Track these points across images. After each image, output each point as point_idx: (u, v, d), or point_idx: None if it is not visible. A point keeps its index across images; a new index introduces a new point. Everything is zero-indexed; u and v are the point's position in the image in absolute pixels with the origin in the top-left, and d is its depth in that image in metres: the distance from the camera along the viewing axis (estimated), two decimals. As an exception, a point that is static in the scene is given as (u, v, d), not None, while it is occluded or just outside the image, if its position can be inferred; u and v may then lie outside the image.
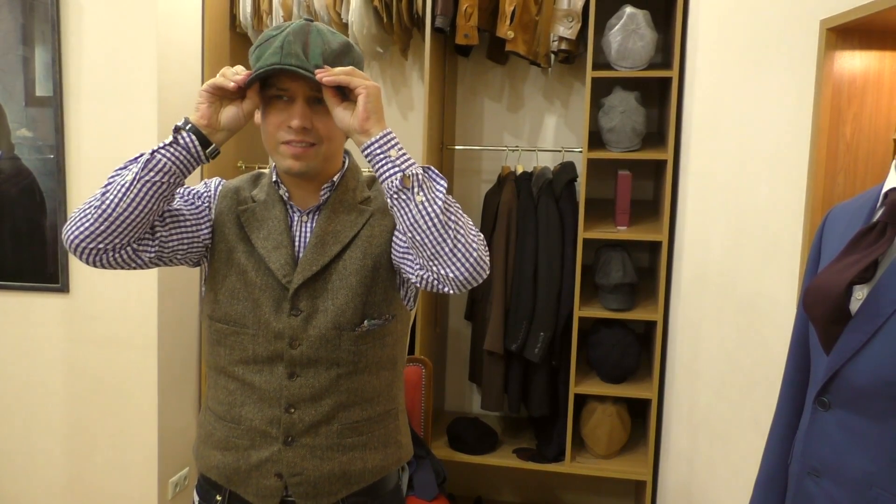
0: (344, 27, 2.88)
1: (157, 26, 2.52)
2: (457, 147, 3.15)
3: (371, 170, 1.22)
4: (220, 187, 1.42)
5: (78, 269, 2.64)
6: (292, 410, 1.30)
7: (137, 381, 2.65)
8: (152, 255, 1.29)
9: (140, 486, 2.69)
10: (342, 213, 1.35)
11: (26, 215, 2.63)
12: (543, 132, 3.17)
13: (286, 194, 1.36)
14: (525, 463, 2.88)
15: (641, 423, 3.03)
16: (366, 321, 1.32)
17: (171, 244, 1.31)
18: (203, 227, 1.36)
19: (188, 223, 1.33)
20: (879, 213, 0.98)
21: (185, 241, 1.33)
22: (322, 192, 1.35)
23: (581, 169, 2.73)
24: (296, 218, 1.36)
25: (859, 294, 0.95)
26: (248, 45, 3.03)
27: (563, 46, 2.74)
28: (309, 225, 1.35)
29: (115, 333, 2.64)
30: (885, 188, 0.99)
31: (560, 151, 2.95)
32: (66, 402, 2.71)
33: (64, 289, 2.64)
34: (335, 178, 1.36)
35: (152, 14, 2.52)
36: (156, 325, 2.62)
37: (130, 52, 2.54)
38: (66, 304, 2.67)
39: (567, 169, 2.83)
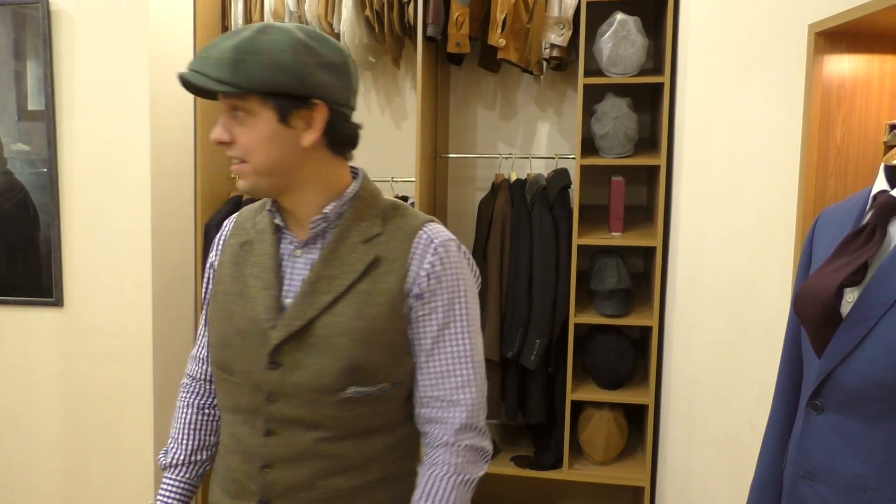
0: (336, 37, 2.89)
1: (148, 38, 2.52)
2: (450, 155, 3.15)
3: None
4: (229, 235, 1.30)
5: (72, 284, 2.63)
6: (268, 470, 1.17)
7: (133, 394, 2.64)
8: None
9: (136, 501, 2.68)
10: (344, 253, 1.16)
11: (20, 230, 2.63)
12: (536, 139, 3.17)
13: (281, 221, 1.21)
14: (523, 470, 2.87)
15: (638, 429, 3.03)
16: (351, 388, 1.14)
17: None
18: None
19: None
20: (869, 215, 0.98)
21: None
22: (312, 225, 1.17)
23: (574, 175, 2.74)
24: (289, 250, 1.20)
25: (850, 297, 0.95)
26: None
27: (555, 54, 2.75)
28: (301, 261, 1.18)
29: (110, 347, 2.64)
30: (874, 191, 0.99)
31: (553, 158, 2.96)
32: (61, 416, 2.70)
33: (58, 303, 2.64)
34: (327, 210, 1.16)
35: (143, 26, 2.52)
36: (150, 339, 2.61)
37: (122, 65, 2.54)
38: (60, 319, 2.66)
39: (560, 176, 2.83)
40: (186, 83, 1.09)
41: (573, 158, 2.77)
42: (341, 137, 1.16)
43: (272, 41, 1.07)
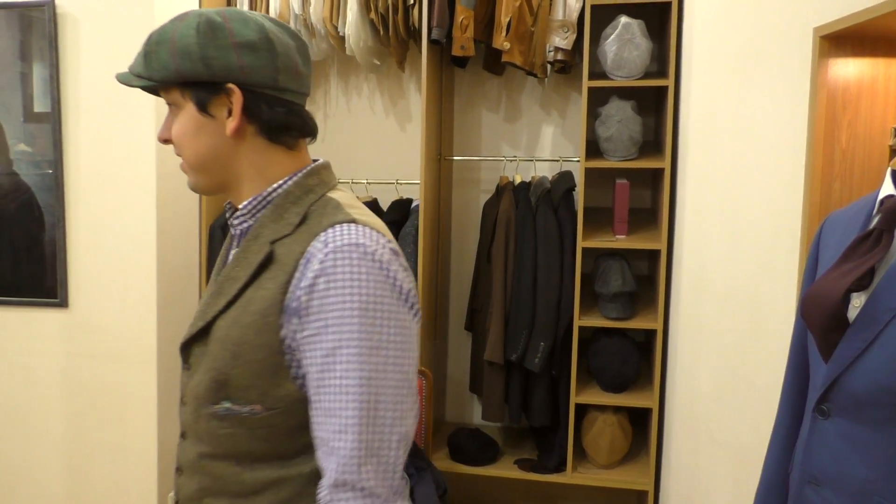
0: (341, 40, 2.89)
1: (154, 41, 2.53)
2: (455, 158, 3.15)
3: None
4: None
5: (77, 284, 2.64)
6: (178, 473, 1.12)
7: (136, 395, 2.64)
8: None
9: (139, 501, 2.68)
10: (252, 254, 1.03)
11: (25, 230, 2.63)
12: (541, 142, 3.17)
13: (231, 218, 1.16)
14: (526, 474, 2.87)
15: (642, 432, 3.02)
16: (224, 403, 1.02)
17: None
18: None
19: None
20: (875, 220, 0.98)
21: None
22: (236, 221, 1.08)
23: (579, 178, 2.74)
24: (232, 247, 1.14)
25: (857, 302, 0.95)
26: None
27: (559, 57, 2.75)
28: None
29: (114, 348, 2.64)
30: (881, 195, 0.99)
31: (558, 161, 2.96)
32: (65, 416, 2.71)
33: (63, 303, 2.64)
34: (241, 206, 1.07)
35: (149, 28, 2.52)
36: (155, 340, 2.61)
37: (127, 67, 2.54)
38: (65, 319, 2.66)
39: (565, 178, 2.83)
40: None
41: (577, 161, 2.77)
42: (273, 123, 1.03)
43: (180, 27, 1.00)
